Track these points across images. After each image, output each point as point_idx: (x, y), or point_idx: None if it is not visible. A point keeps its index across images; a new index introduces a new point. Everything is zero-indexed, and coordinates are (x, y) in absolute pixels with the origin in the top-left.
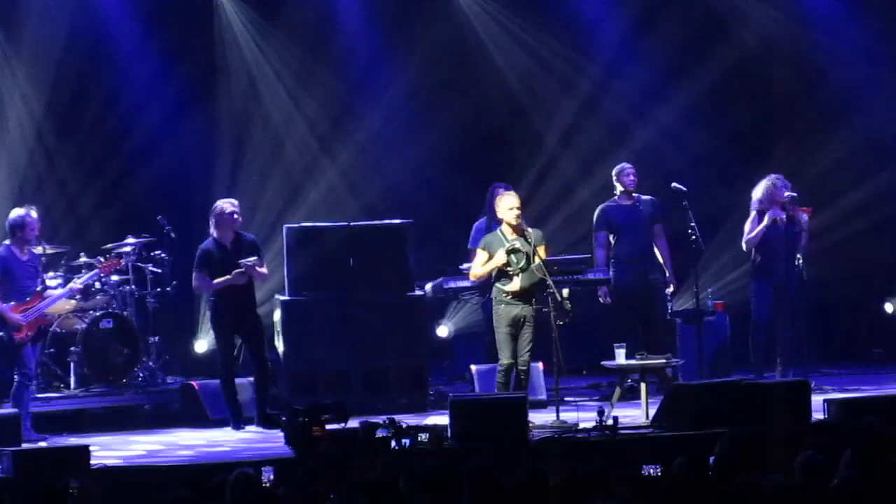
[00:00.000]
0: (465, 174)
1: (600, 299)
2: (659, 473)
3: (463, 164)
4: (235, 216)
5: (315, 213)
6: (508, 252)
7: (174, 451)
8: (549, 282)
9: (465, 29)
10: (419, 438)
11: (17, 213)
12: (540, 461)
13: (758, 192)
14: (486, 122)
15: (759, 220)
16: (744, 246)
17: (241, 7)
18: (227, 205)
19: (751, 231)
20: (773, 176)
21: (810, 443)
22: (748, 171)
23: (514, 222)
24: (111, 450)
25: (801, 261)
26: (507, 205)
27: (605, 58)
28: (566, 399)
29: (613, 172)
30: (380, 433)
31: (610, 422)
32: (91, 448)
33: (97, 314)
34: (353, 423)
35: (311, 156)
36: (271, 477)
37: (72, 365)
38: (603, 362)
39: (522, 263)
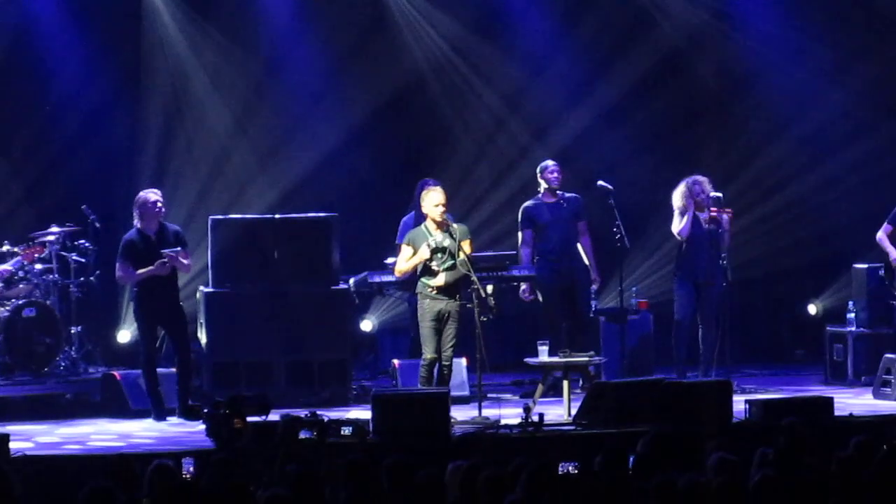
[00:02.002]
0: (390, 168)
1: (522, 296)
2: (576, 471)
3: (387, 157)
4: (159, 206)
5: (236, 204)
6: (432, 248)
7: (95, 441)
8: (474, 277)
9: (386, 18)
10: (342, 432)
11: None
12: (461, 457)
13: (676, 196)
14: (411, 116)
15: (680, 214)
16: (678, 237)
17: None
18: (150, 195)
19: (679, 225)
20: (689, 179)
21: (728, 443)
22: (674, 170)
23: (438, 219)
24: (31, 439)
25: (725, 261)
26: (433, 201)
27: (528, 54)
28: (489, 395)
29: (538, 170)
30: (303, 434)
31: (535, 418)
32: (11, 436)
33: (19, 303)
34: (275, 416)
35: (235, 146)
36: (191, 469)
37: None
38: (526, 359)
39: (446, 260)
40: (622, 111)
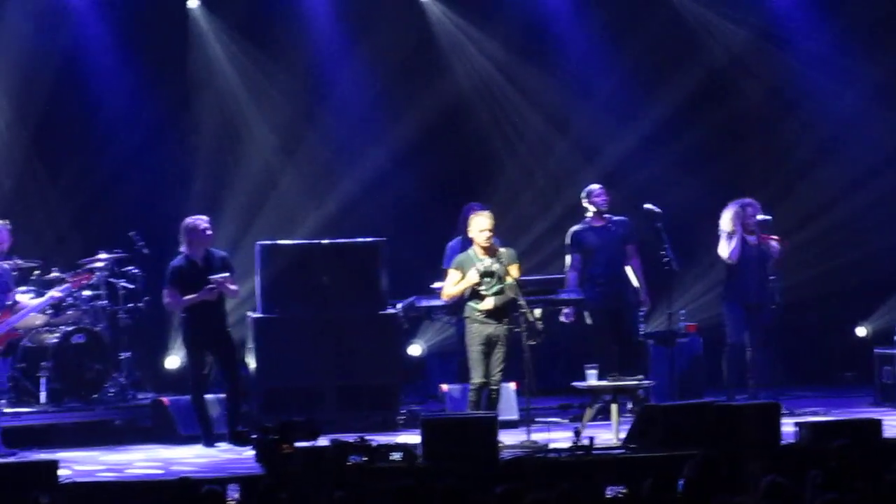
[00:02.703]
0: (437, 191)
1: (562, 319)
2: (623, 494)
3: (433, 181)
4: (208, 232)
5: (283, 229)
6: (481, 273)
7: (144, 467)
8: (522, 301)
9: (432, 42)
10: (391, 457)
11: None
12: (510, 481)
13: (725, 218)
14: (457, 139)
15: (729, 237)
16: (728, 261)
17: (215, 22)
18: (199, 221)
19: (726, 246)
20: (739, 201)
21: (777, 465)
22: (721, 192)
23: (484, 244)
24: (81, 465)
25: (775, 283)
26: (479, 226)
27: (573, 76)
28: (537, 419)
29: (583, 194)
30: (352, 460)
31: (586, 442)
32: (60, 463)
33: (69, 329)
34: (324, 441)
35: (282, 171)
36: (237, 496)
37: (42, 380)
38: (574, 383)
39: (494, 284)
40: (669, 133)
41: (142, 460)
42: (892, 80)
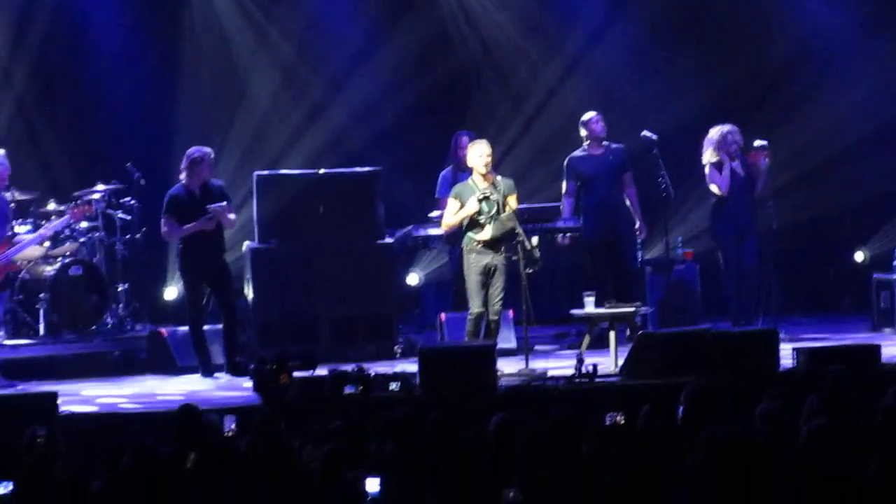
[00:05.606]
0: (424, 120)
1: (559, 241)
2: (621, 421)
3: (426, 111)
4: (212, 165)
5: (279, 160)
6: (480, 200)
7: (142, 398)
8: (519, 230)
9: None
10: (390, 387)
11: None
12: (508, 410)
13: (709, 149)
14: (446, 69)
15: (715, 168)
16: (719, 193)
17: None
18: (205, 153)
19: (717, 179)
20: (722, 129)
21: (776, 392)
22: (715, 114)
23: (483, 170)
24: (79, 397)
25: (772, 207)
26: (479, 153)
27: (590, 18)
28: (535, 347)
29: (581, 121)
30: (348, 389)
31: (589, 370)
32: (59, 395)
33: (66, 261)
34: (322, 371)
35: (278, 103)
36: (233, 426)
37: (40, 312)
38: (572, 311)
39: (493, 211)
40: (660, 56)
41: (139, 391)
42: (886, 5)
